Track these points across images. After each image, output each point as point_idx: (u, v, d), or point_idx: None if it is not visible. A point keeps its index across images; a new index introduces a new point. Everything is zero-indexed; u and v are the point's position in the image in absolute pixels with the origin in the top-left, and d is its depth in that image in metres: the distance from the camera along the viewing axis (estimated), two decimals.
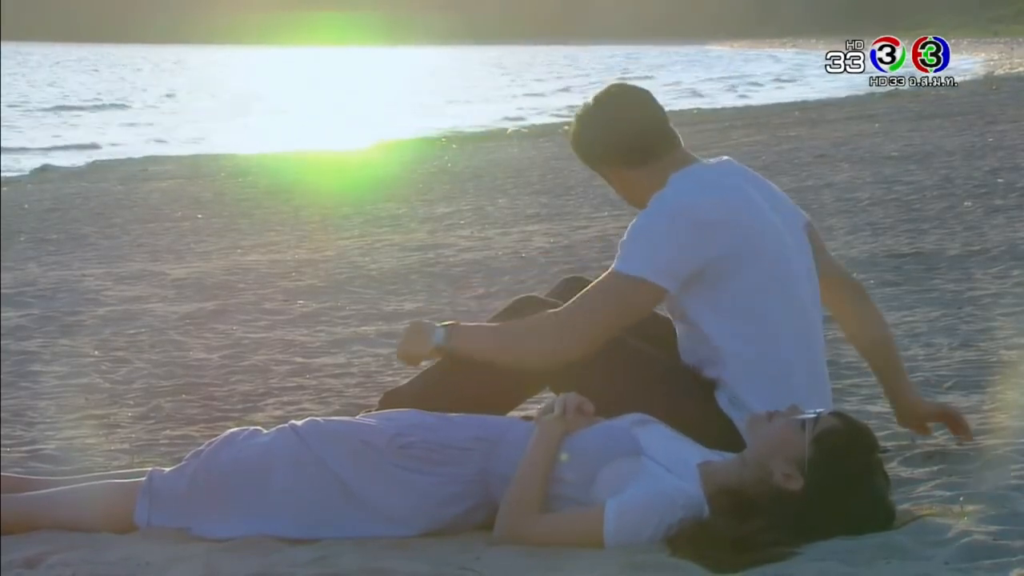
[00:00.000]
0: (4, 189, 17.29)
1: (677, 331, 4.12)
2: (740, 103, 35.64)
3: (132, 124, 33.62)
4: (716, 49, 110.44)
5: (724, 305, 3.95)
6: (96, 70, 77.55)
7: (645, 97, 4.20)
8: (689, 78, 54.87)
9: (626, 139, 4.14)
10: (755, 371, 3.94)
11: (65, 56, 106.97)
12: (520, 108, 37.95)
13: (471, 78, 62.48)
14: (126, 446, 4.90)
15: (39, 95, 46.93)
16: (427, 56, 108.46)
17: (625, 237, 3.98)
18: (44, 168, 21.91)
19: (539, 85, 53.74)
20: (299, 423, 3.76)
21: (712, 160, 4.18)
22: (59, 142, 27.82)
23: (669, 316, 4.17)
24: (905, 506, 3.61)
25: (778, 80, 50.28)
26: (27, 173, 21.00)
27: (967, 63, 49.05)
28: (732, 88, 45.71)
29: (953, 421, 4.31)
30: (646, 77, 56.22)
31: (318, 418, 3.81)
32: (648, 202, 4.06)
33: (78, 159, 23.95)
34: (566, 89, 48.03)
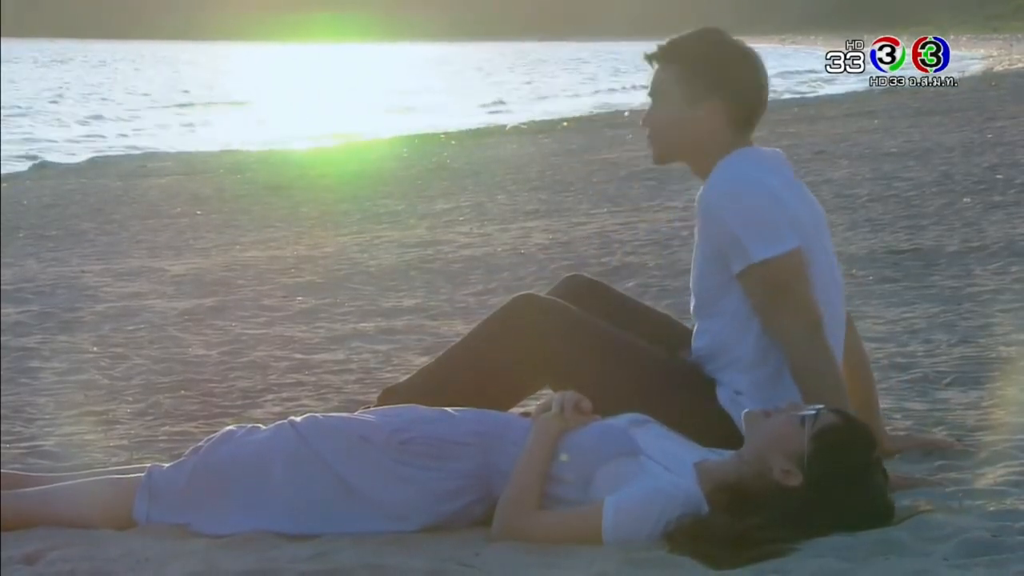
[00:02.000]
0: (4, 185, 17.28)
1: (698, 329, 4.03)
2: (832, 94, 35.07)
3: (263, 121, 32.61)
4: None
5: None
6: (156, 67, 76.90)
7: None
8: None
9: (755, 95, 4.03)
10: (773, 377, 3.91)
11: (96, 53, 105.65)
12: (606, 103, 36.61)
13: (534, 74, 61.70)
14: (125, 442, 4.90)
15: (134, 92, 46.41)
16: (447, 52, 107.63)
17: (737, 228, 3.82)
18: (43, 164, 21.90)
19: (613, 80, 52.64)
20: (298, 419, 3.76)
21: (766, 150, 4.07)
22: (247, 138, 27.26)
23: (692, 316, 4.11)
24: (904, 502, 3.61)
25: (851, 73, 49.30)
26: (26, 170, 21.00)
27: (966, 57, 48.97)
28: (828, 81, 44.88)
29: (931, 449, 4.21)
30: None
31: (317, 414, 3.81)
32: (705, 163, 3.97)
33: (79, 156, 23.90)
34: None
